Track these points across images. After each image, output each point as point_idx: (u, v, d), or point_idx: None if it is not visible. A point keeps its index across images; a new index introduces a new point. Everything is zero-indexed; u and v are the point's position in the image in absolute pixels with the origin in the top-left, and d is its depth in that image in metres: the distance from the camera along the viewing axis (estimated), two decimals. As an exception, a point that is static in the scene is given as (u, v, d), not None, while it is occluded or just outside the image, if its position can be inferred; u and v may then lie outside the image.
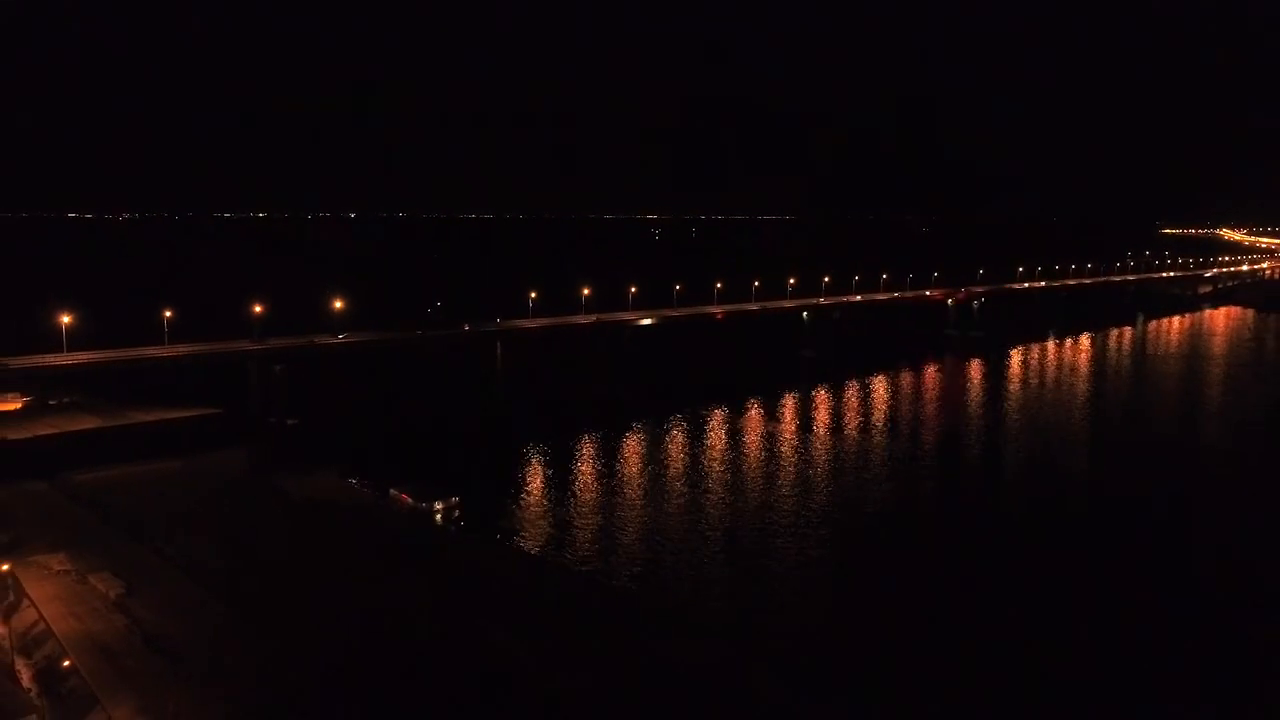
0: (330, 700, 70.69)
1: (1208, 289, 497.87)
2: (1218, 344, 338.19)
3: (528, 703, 72.03)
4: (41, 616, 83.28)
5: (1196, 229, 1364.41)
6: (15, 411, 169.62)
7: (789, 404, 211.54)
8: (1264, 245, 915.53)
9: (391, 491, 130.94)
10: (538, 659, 79.06)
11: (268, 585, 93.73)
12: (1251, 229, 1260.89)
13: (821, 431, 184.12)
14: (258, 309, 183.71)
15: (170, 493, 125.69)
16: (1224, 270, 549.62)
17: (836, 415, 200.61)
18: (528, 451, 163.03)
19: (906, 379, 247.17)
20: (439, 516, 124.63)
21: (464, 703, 71.31)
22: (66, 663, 73.18)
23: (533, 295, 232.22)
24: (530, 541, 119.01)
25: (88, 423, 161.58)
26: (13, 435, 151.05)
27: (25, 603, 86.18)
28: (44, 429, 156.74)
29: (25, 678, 74.65)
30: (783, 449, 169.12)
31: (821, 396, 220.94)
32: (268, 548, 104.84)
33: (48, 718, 68.09)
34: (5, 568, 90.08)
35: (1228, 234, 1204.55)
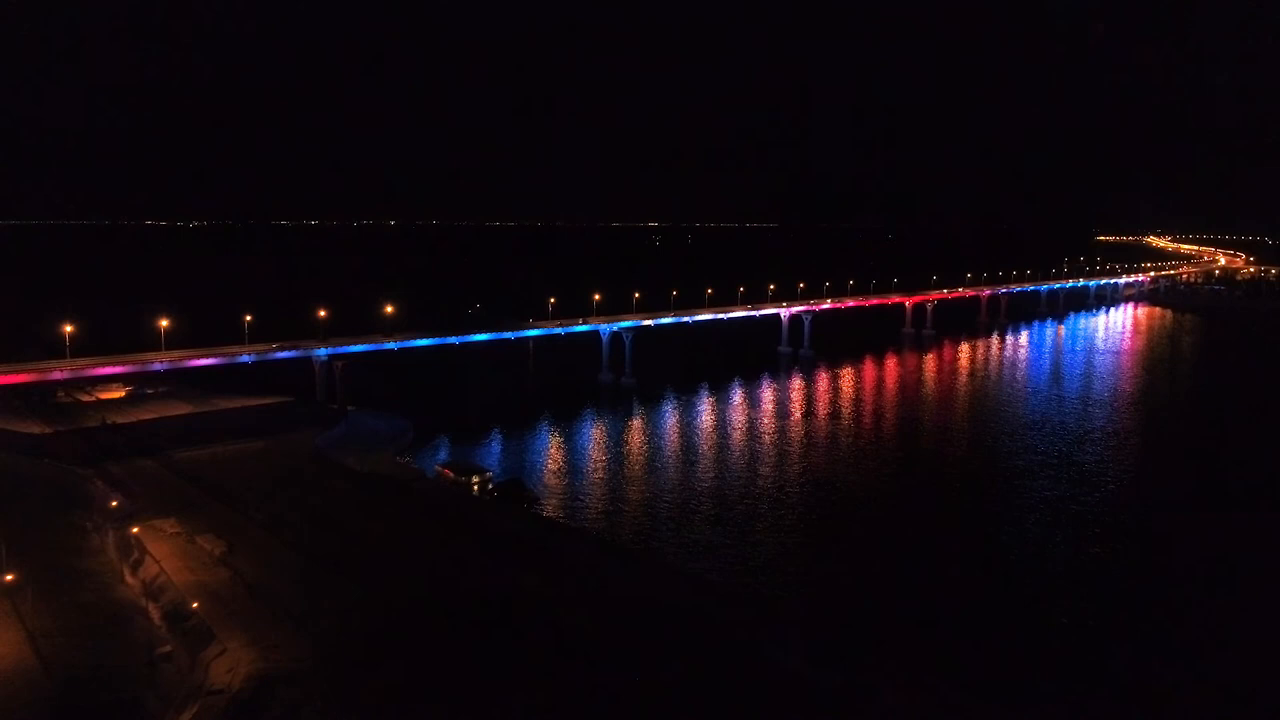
0: (399, 631, 77.92)
1: (1131, 291, 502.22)
2: (1137, 339, 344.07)
3: (549, 630, 79.04)
4: (162, 569, 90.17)
5: (1127, 236, 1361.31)
6: (119, 399, 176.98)
7: (768, 391, 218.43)
8: (1185, 251, 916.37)
9: (435, 467, 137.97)
10: (555, 599, 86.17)
11: (340, 543, 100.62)
12: (1175, 236, 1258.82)
13: (796, 413, 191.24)
14: (322, 314, 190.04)
15: (255, 467, 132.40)
16: (1146, 275, 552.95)
17: (809, 400, 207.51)
18: (547, 434, 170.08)
19: (869, 369, 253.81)
20: (475, 488, 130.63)
21: (499, 631, 78.40)
22: (194, 604, 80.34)
23: (551, 301, 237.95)
24: (549, 508, 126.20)
25: (181, 409, 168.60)
26: (120, 419, 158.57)
27: (148, 559, 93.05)
28: (145, 414, 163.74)
29: (155, 617, 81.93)
30: (763, 428, 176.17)
31: (796, 384, 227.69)
32: (338, 513, 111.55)
33: (177, 648, 75.37)
34: (135, 530, 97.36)
35: (1154, 241, 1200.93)
